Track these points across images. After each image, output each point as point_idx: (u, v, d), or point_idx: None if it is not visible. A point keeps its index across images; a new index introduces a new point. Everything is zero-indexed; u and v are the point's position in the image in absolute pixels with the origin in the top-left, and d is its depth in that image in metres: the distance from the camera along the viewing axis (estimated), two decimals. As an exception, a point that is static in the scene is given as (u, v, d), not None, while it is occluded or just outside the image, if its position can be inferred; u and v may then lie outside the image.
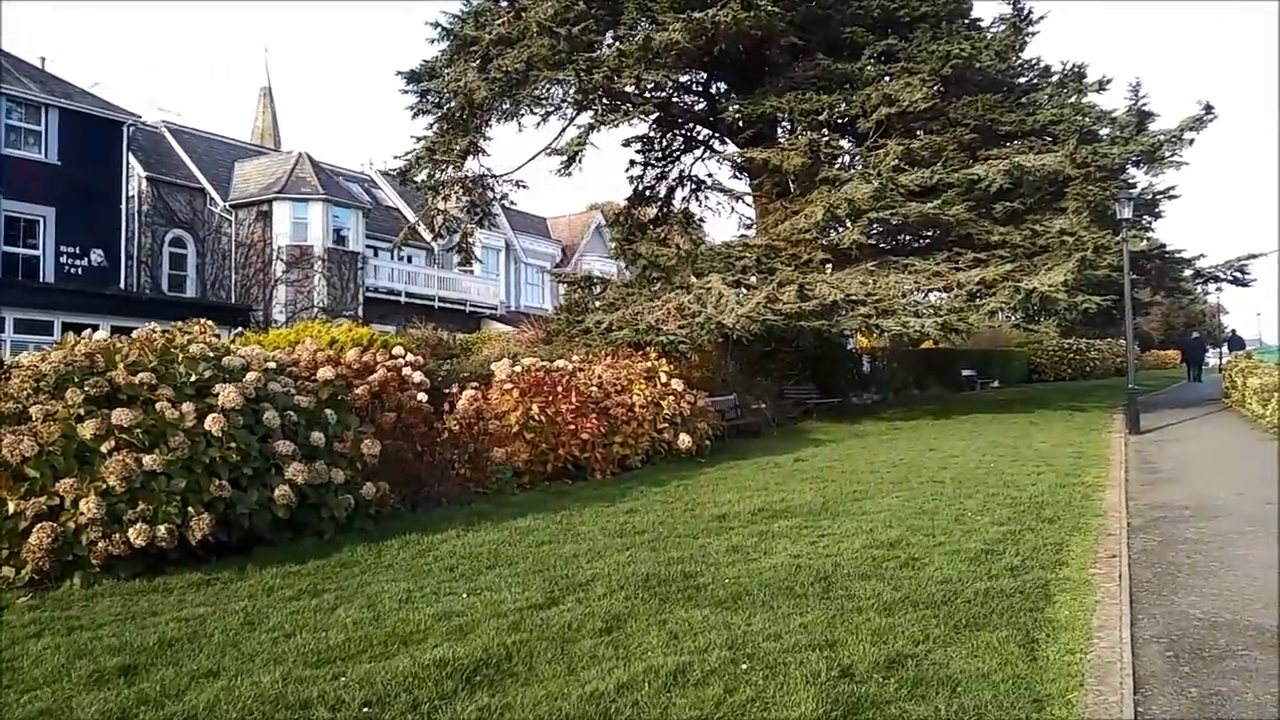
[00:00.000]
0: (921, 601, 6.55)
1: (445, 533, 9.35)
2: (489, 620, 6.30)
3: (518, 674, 5.30)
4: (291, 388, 9.59)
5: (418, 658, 5.50)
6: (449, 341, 23.26)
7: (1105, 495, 11.32)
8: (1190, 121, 22.94)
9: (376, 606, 6.72)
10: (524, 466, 12.89)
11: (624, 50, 21.25)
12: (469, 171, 25.01)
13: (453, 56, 23.52)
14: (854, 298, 20.32)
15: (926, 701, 4.78)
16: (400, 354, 12.51)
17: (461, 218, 26.66)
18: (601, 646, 5.72)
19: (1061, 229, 21.54)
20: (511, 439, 12.89)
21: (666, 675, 5.14)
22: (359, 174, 41.07)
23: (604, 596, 6.85)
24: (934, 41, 22.15)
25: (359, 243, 34.74)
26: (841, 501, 11.04)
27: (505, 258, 44.00)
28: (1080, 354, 48.17)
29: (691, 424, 15.86)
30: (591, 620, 6.23)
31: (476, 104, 22.73)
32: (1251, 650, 5.54)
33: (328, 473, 9.18)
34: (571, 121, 24.61)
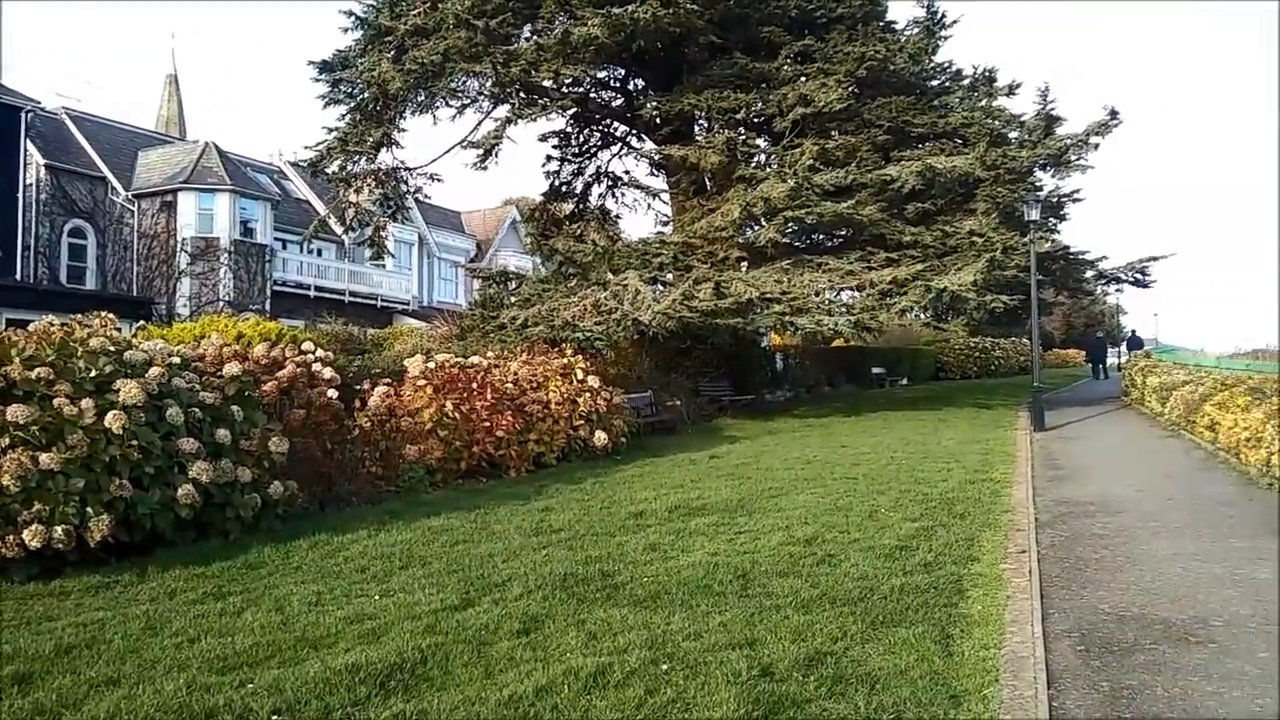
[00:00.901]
0: (839, 598, 6.60)
1: (356, 533, 9.17)
2: (402, 623, 6.17)
3: (433, 678, 5.19)
4: (196, 384, 9.30)
5: (329, 663, 5.36)
6: (360, 337, 22.89)
7: (1013, 491, 11.56)
8: (1096, 126, 23.61)
9: (285, 609, 6.54)
10: (437, 464, 12.71)
11: (542, 44, 21.09)
12: (382, 164, 24.55)
13: (367, 46, 23.08)
14: (769, 296, 20.47)
15: (846, 699, 4.80)
16: (310, 349, 12.22)
17: (374, 211, 26.18)
18: (519, 648, 5.64)
19: (971, 230, 21.96)
20: (425, 436, 12.70)
21: (586, 677, 5.08)
22: (268, 165, 40.14)
23: (521, 597, 6.77)
24: (849, 43, 22.41)
25: (267, 235, 33.96)
26: (758, 499, 11.09)
27: (418, 252, 43.42)
28: (986, 352, 49.20)
29: (608, 421, 15.81)
30: (508, 621, 6.15)
31: (391, 95, 22.33)
32: (1159, 644, 5.67)
33: (234, 471, 8.94)
34: (488, 115, 24.36)
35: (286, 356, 11.42)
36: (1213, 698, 4.82)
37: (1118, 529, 9.21)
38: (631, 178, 28.97)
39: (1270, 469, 11.36)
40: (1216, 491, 11.29)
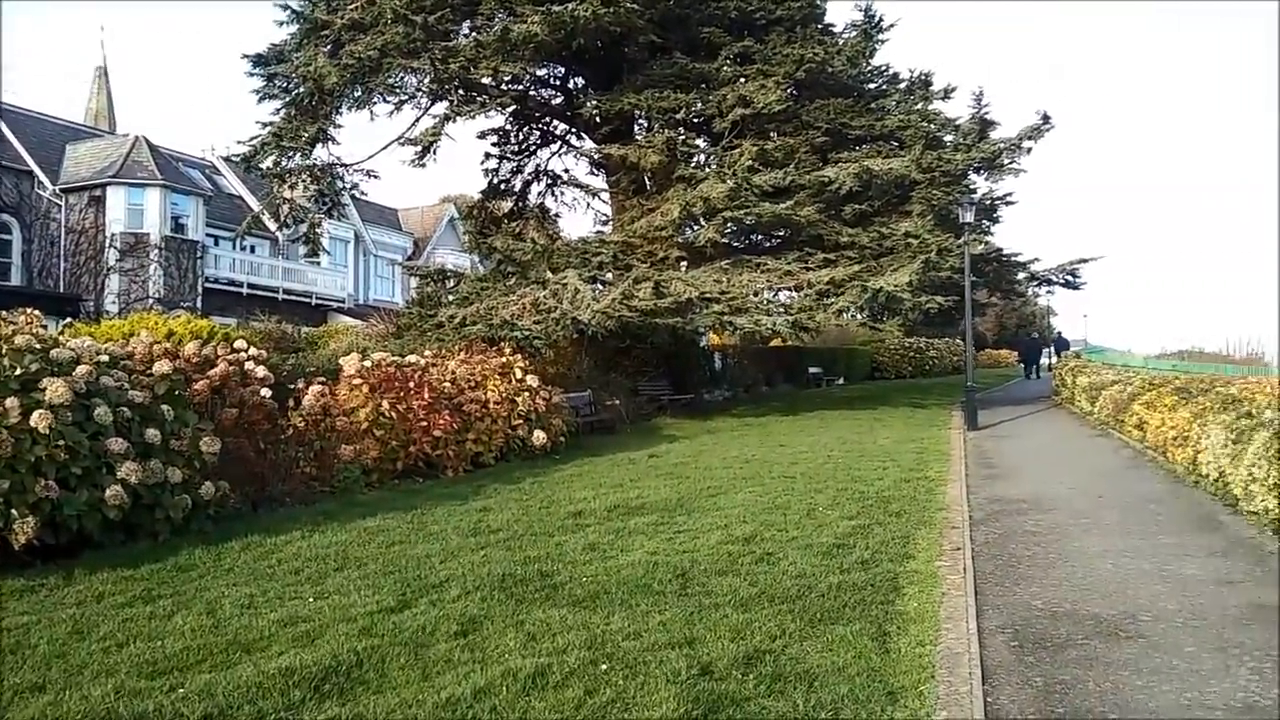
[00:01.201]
0: (777, 596, 6.62)
1: (290, 534, 9.03)
2: (338, 625, 6.08)
3: (369, 681, 5.11)
4: (125, 382, 9.08)
5: (262, 666, 5.26)
6: (294, 335, 22.55)
7: (947, 489, 11.71)
8: (1029, 131, 24.05)
9: (216, 613, 6.41)
10: (373, 464, 12.55)
11: (481, 41, 20.92)
12: (317, 159, 24.17)
13: (302, 40, 22.72)
14: (708, 295, 20.54)
15: (785, 697, 4.82)
16: (242, 347, 12.01)
17: (309, 207, 25.78)
18: (457, 650, 5.58)
19: (907, 231, 22.23)
20: (360, 436, 12.54)
21: (525, 678, 5.04)
22: (200, 159, 39.39)
23: (459, 598, 6.70)
24: (788, 45, 22.55)
25: (199, 231, 33.34)
26: (696, 497, 11.11)
27: (354, 249, 42.92)
28: (920, 352, 49.87)
29: (547, 420, 15.74)
30: (446, 623, 6.08)
31: (326, 90, 22.01)
32: (1091, 639, 5.77)
33: (164, 472, 8.74)
34: (426, 111, 24.11)
35: (218, 355, 11.22)
36: (1142, 692, 4.91)
37: (1050, 526, 9.36)
38: (571, 176, 28.90)
39: (1196, 467, 11.64)
40: (1145, 489, 11.54)
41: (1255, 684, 4.95)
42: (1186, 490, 11.29)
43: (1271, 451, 8.73)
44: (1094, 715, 4.65)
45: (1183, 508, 10.21)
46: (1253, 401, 10.84)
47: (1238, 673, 5.12)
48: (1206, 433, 11.23)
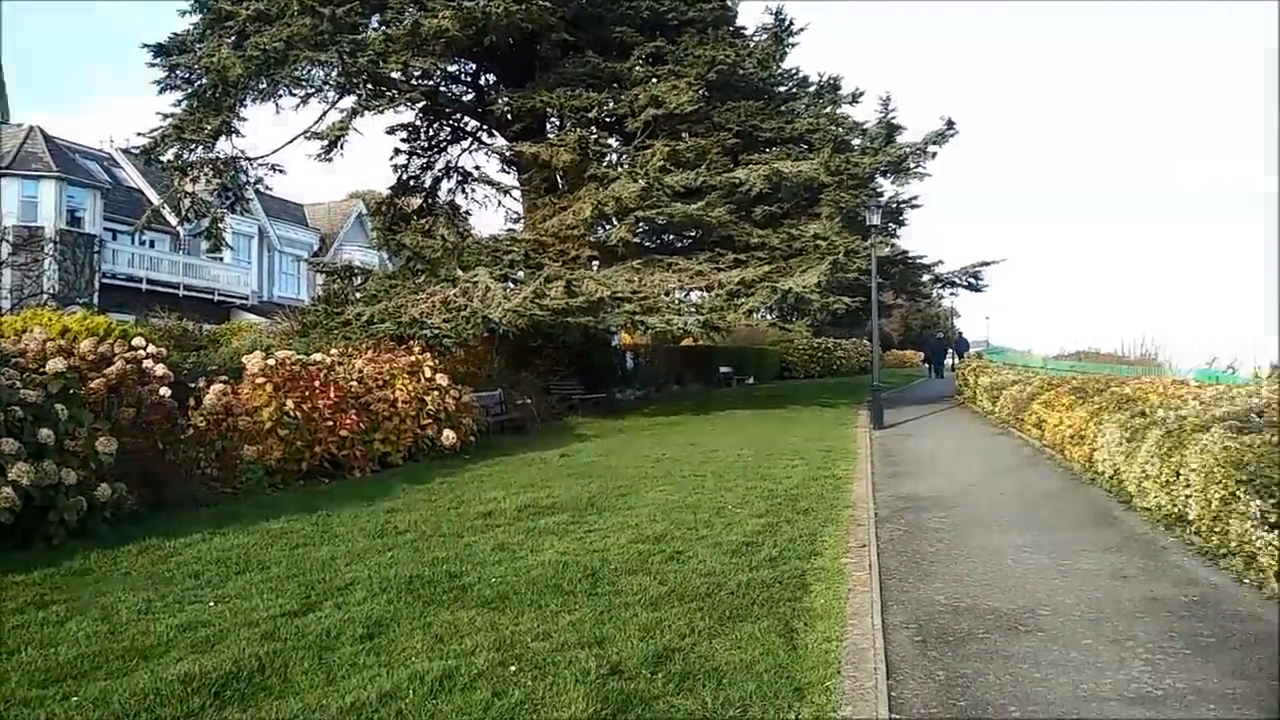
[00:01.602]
0: (687, 595, 6.65)
1: (190, 536, 8.80)
2: (239, 630, 5.94)
3: (271, 686, 5.01)
4: (17, 380, 8.76)
5: (160, 673, 5.12)
6: (195, 332, 22.06)
7: (854, 487, 11.88)
8: (934, 136, 24.56)
9: (113, 618, 6.22)
10: (277, 465, 12.31)
11: (391, 35, 20.63)
12: (220, 153, 23.54)
13: (206, 31, 22.12)
14: (620, 295, 20.55)
15: (694, 695, 4.84)
16: (141, 345, 11.68)
17: (211, 201, 25.13)
18: (362, 653, 5.50)
19: (816, 233, 22.51)
20: (264, 436, 12.29)
21: (432, 681, 4.98)
22: (98, 151, 38.12)
23: (364, 601, 6.60)
24: (700, 46, 22.68)
25: (96, 225, 32.31)
26: (608, 497, 11.11)
27: (259, 245, 41.99)
28: (829, 352, 50.52)
29: (457, 420, 15.59)
30: (351, 626, 5.98)
31: (230, 82, 21.44)
32: (991, 633, 5.90)
33: (58, 473, 8.45)
34: (333, 105, 23.66)
35: (115, 352, 10.90)
36: (1041, 684, 5.03)
37: (953, 523, 9.56)
38: (482, 174, 28.65)
39: (1092, 465, 11.99)
40: (1044, 486, 11.86)
41: (1147, 675, 5.11)
42: (1083, 487, 11.62)
43: (1163, 449, 9.04)
44: (994, 707, 4.76)
45: (1080, 504, 10.51)
46: (1145, 401, 11.21)
47: (1131, 664, 5.28)
48: (1102, 431, 11.59)
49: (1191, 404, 9.66)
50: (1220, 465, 7.51)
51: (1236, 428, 7.82)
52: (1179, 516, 8.54)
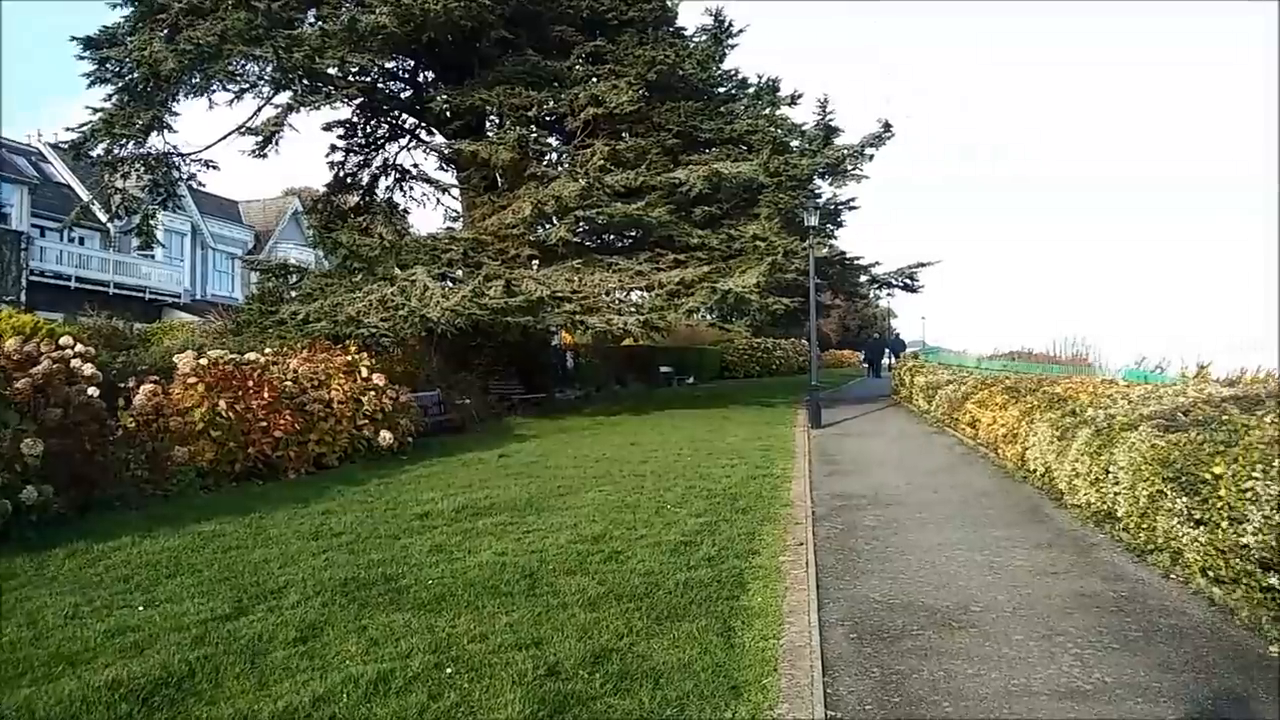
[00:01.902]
0: (625, 595, 6.64)
1: (119, 540, 8.61)
2: (169, 634, 5.83)
3: (202, 692, 4.91)
4: (-66, 379, 8.50)
5: (87, 679, 5.00)
6: (126, 332, 21.57)
7: (792, 486, 11.96)
8: (871, 138, 24.83)
9: (38, 623, 6.07)
10: (210, 466, 12.09)
11: (328, 31, 20.36)
12: (152, 148, 23.08)
13: (138, 23, 21.65)
14: (560, 294, 20.50)
15: (632, 695, 4.83)
16: (69, 344, 11.42)
17: (143, 198, 24.62)
18: (296, 657, 5.42)
19: (755, 234, 22.65)
20: (196, 437, 12.06)
21: (367, 684, 4.93)
22: (26, 146, 37.23)
23: (298, 604, 6.51)
24: (640, 46, 22.68)
25: (23, 221, 31.56)
26: (547, 497, 11.06)
27: (191, 242, 41.24)
28: (768, 352, 50.90)
29: (394, 420, 15.42)
30: (284, 630, 5.90)
31: (163, 76, 21.02)
32: (926, 630, 5.97)
33: (-22, 475, 8.22)
34: (268, 101, 23.32)
35: (42, 352, 10.65)
36: (973, 679, 5.10)
37: (888, 521, 9.66)
38: (421, 171, 28.52)
39: (1025, 463, 12.19)
40: (978, 484, 12.03)
41: (1077, 670, 5.20)
42: (1015, 485, 11.81)
43: (1093, 448, 9.21)
44: (927, 703, 4.81)
45: (1012, 501, 10.67)
46: (1076, 400, 11.41)
47: (1061, 659, 5.37)
48: (1034, 430, 11.79)
49: (1120, 403, 9.85)
50: (1147, 463, 7.67)
51: (1163, 426, 7.99)
52: (1108, 513, 8.71)
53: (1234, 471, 6.22)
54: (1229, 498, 6.20)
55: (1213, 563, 6.44)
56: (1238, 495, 6.09)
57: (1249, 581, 6.01)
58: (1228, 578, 6.27)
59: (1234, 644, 5.57)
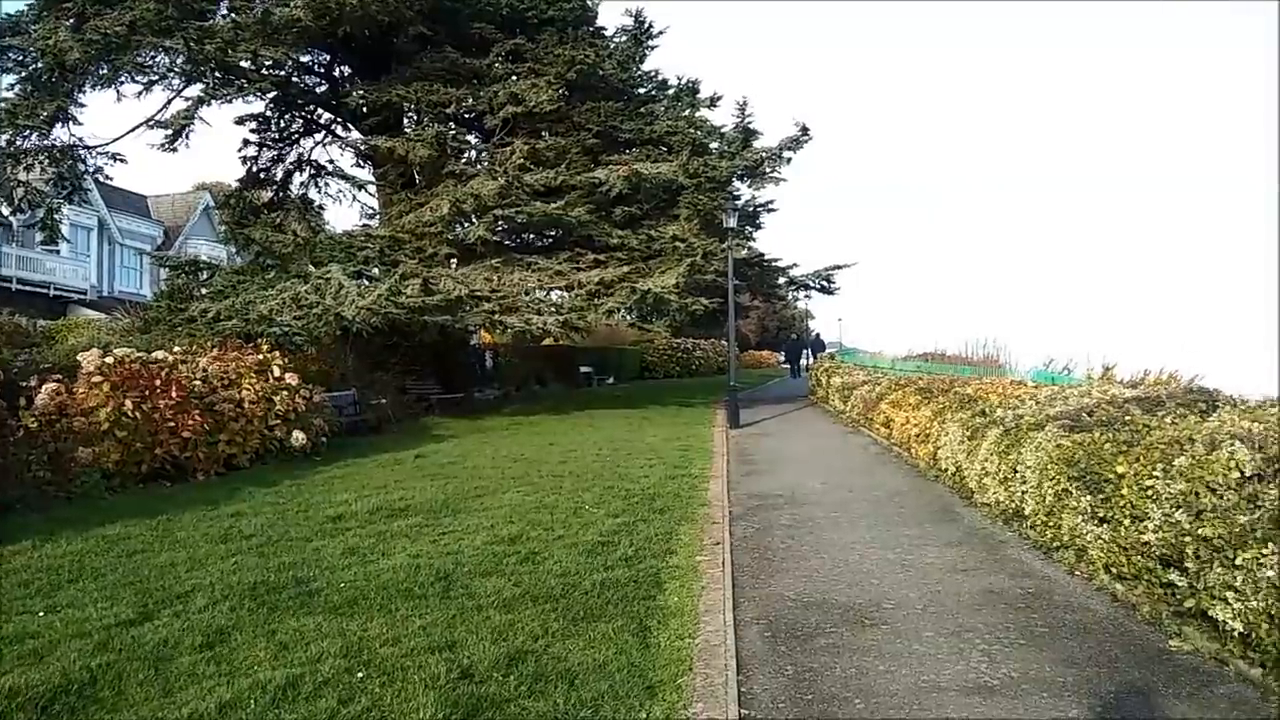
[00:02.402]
0: (541, 596, 6.62)
1: (20, 544, 8.34)
2: (70, 641, 5.67)
3: (104, 699, 4.79)
4: None
5: (-20, 689, 4.82)
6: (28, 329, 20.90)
7: (710, 486, 12.03)
8: (789, 141, 25.07)
9: (-72, 632, 5.84)
10: (115, 468, 11.76)
11: (240, 22, 19.91)
12: (57, 140, 22.31)
13: (42, 12, 20.90)
14: (479, 293, 20.35)
15: (546, 697, 4.81)
16: (-35, 341, 11.00)
17: (46, 191, 23.80)
18: (202, 663, 5.30)
19: (674, 235, 22.72)
20: (101, 437, 11.72)
21: (275, 689, 4.84)
22: (-80, 135, 35.77)
23: (206, 608, 6.36)
24: (560, 45, 22.61)
25: (-82, 214, 30.25)
26: (463, 498, 10.97)
27: (98, 237, 40.03)
28: (688, 353, 51.14)
29: (307, 420, 15.17)
30: (191, 635, 5.76)
31: (68, 67, 20.36)
32: (839, 627, 6.04)
33: None
34: (179, 93, 22.71)
35: (-67, 349, 10.23)
36: (884, 676, 5.18)
37: (804, 520, 9.77)
38: (336, 167, 27.92)
39: (937, 462, 12.42)
40: (891, 483, 12.22)
41: (984, 665, 5.31)
42: (928, 484, 12.03)
43: (1001, 447, 9.43)
44: (839, 700, 4.87)
45: (924, 500, 10.87)
46: (986, 401, 11.67)
47: (970, 655, 5.48)
48: (945, 430, 12.02)
49: (1028, 404, 10.10)
50: (1053, 463, 7.87)
51: (1069, 426, 8.20)
52: (1016, 512, 8.92)
53: (1135, 471, 6.41)
54: (1131, 496, 6.39)
55: (1115, 559, 6.63)
56: (1139, 494, 6.27)
57: (1150, 578, 6.19)
58: (1130, 574, 6.46)
59: (1136, 639, 5.74)
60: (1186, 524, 5.66)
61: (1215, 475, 5.51)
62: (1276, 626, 4.82)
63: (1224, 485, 5.43)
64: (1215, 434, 5.86)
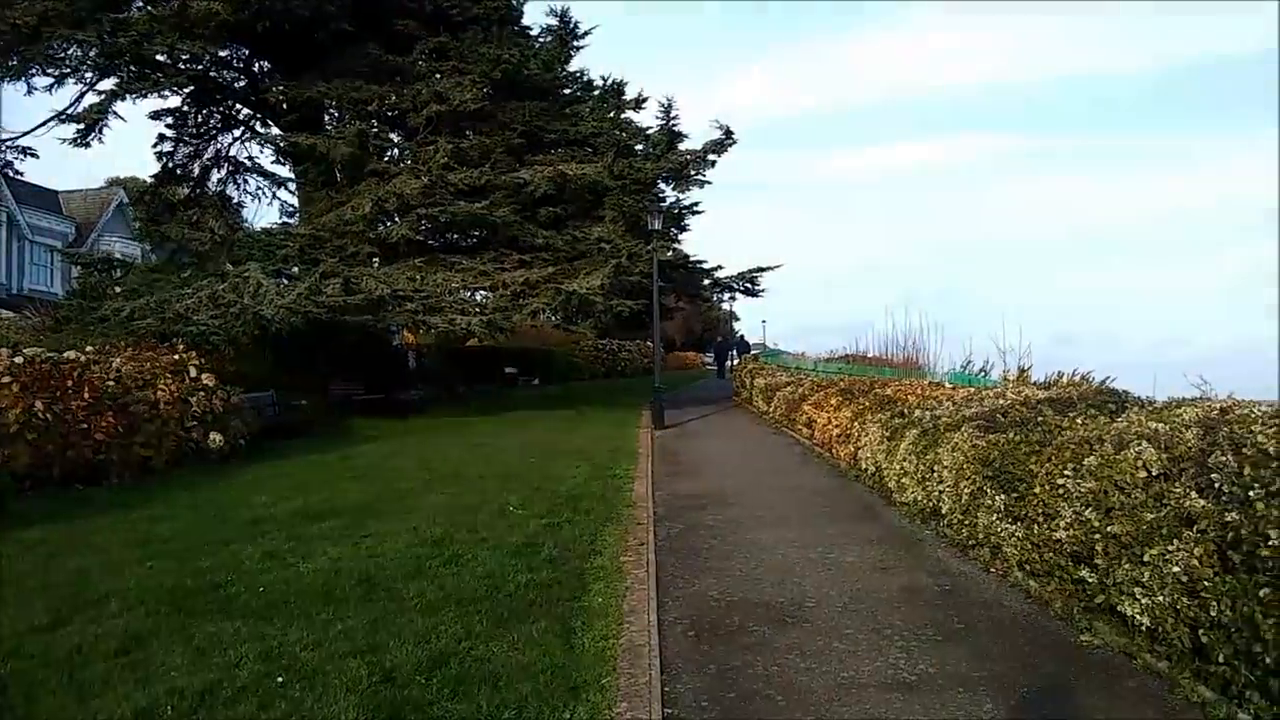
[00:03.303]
0: (465, 598, 6.58)
1: (-78, 550, 8.06)
2: (-22, 648, 5.49)
3: (14, 707, 4.68)
4: None
5: (-121, 701, 4.67)
6: (-68, 328, 20.17)
7: (634, 487, 12.07)
8: (713, 144, 25.23)
9: None
10: (26, 471, 11.41)
11: (156, 15, 19.49)
12: (-39, 133, 21.74)
13: (-53, 2, 20.32)
14: (402, 293, 20.15)
15: (469, 699, 4.79)
16: None
17: (-50, 185, 23.15)
18: (117, 669, 5.19)
19: (600, 236, 22.75)
20: (10, 440, 11.37)
21: (193, 696, 4.76)
22: None
23: (121, 614, 6.23)
24: (485, 44, 22.51)
25: None
26: (387, 500, 10.86)
27: (7, 234, 38.82)
28: (614, 354, 51.25)
29: (225, 422, 14.88)
30: (106, 641, 5.64)
31: (-27, 58, 19.81)
32: (761, 626, 6.12)
33: None
34: (92, 87, 22.14)
35: None
36: (805, 673, 5.26)
37: (728, 520, 9.86)
38: (255, 164, 27.49)
39: (857, 462, 12.61)
40: (813, 483, 12.39)
41: (903, 661, 5.43)
42: (849, 484, 12.22)
43: (919, 448, 9.61)
44: (761, 697, 4.94)
45: (846, 500, 11.04)
46: (905, 402, 11.88)
47: (889, 651, 5.59)
48: (866, 431, 12.22)
49: (945, 405, 10.29)
50: (969, 462, 8.05)
51: (984, 427, 8.39)
52: (934, 511, 9.10)
53: (1048, 470, 6.59)
54: (1043, 495, 6.57)
55: (1029, 557, 6.81)
56: (1051, 493, 6.45)
57: (1061, 574, 6.37)
58: (1042, 571, 6.64)
59: (1049, 634, 5.90)
60: (1096, 522, 5.83)
61: (1124, 474, 5.69)
62: (1182, 621, 4.99)
63: (1132, 484, 5.61)
64: (1124, 434, 6.04)
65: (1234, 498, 4.73)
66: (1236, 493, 4.72)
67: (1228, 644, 4.61)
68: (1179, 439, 5.52)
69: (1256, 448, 4.82)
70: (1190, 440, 5.40)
